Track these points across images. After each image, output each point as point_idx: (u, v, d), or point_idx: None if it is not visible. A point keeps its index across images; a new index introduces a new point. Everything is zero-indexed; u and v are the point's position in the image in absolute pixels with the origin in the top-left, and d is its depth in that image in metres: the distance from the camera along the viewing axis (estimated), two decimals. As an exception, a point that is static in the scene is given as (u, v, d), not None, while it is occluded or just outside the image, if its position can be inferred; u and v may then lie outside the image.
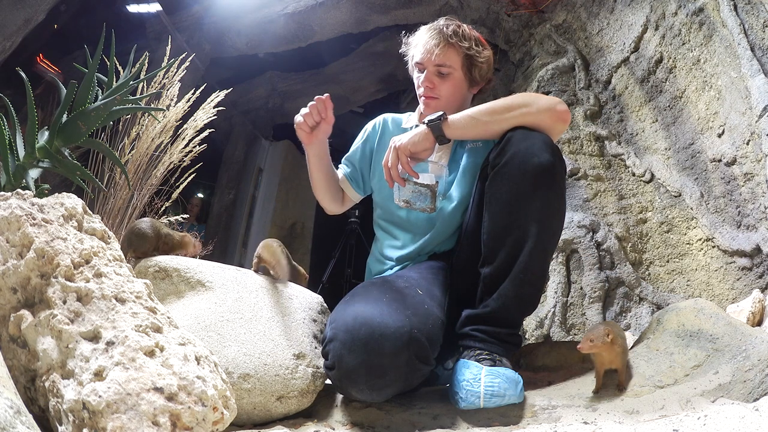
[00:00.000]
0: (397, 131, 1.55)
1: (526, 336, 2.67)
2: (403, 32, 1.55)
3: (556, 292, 2.63)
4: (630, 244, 2.61)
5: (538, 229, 1.13)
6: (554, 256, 2.63)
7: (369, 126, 1.64)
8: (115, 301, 0.75)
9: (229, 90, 2.44)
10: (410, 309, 1.05)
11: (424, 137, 1.27)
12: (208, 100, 2.29)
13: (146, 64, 1.88)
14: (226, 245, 5.40)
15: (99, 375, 0.65)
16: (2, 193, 0.83)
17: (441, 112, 1.28)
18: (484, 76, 1.50)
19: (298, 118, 1.41)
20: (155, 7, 4.37)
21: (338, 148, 1.59)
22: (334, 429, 1.03)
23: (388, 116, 1.63)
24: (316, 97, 1.39)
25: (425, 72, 1.44)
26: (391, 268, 1.46)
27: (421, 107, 1.49)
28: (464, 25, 1.47)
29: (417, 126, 1.48)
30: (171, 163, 2.17)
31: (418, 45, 1.45)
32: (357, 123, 1.69)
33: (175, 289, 1.18)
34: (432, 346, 1.03)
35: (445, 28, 1.42)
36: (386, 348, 0.96)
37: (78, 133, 1.45)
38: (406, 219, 1.46)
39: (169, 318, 0.80)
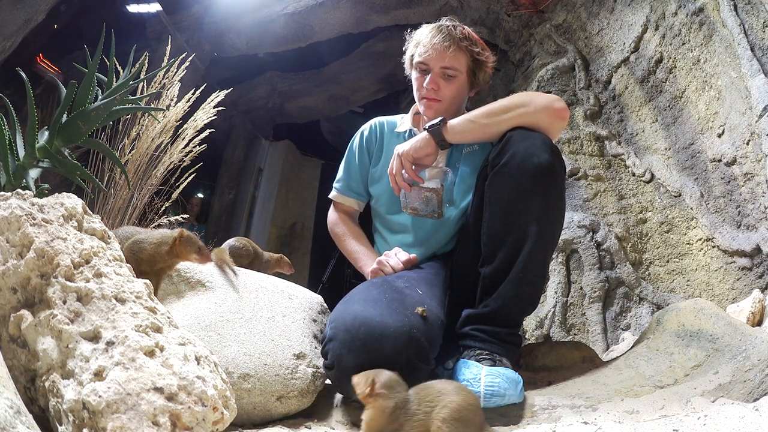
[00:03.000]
0: (392, 135, 1.53)
1: (526, 336, 2.67)
2: (408, 30, 1.50)
3: (556, 292, 2.63)
4: (630, 244, 2.61)
5: (537, 229, 1.13)
6: (554, 256, 2.63)
7: (365, 129, 1.58)
8: (115, 301, 0.75)
9: (229, 90, 2.44)
10: (410, 309, 1.05)
11: (426, 143, 1.30)
12: (208, 100, 2.29)
13: (146, 64, 1.88)
14: (226, 245, 5.40)
15: (99, 375, 0.65)
16: (2, 193, 0.83)
17: (441, 118, 1.30)
18: (487, 80, 1.48)
19: (383, 268, 1.33)
20: (155, 7, 4.37)
21: (338, 149, 1.59)
22: (334, 429, 1.03)
23: (382, 119, 1.59)
24: (404, 259, 1.31)
25: (430, 73, 1.40)
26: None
27: (420, 108, 1.46)
28: (464, 26, 1.45)
29: (412, 129, 1.48)
30: (171, 163, 2.17)
31: (422, 44, 1.40)
32: (357, 123, 1.65)
33: (175, 289, 1.18)
34: (431, 345, 1.03)
35: (453, 30, 1.38)
36: (386, 347, 0.96)
37: (78, 133, 1.45)
38: (408, 226, 1.45)
39: (169, 318, 0.80)
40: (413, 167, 1.29)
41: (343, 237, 1.54)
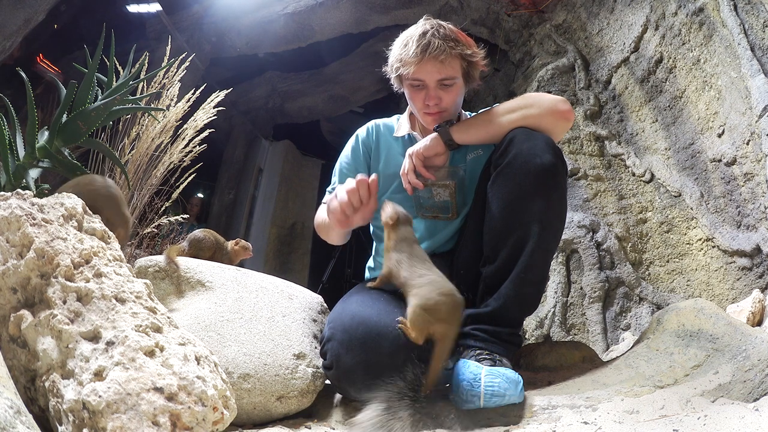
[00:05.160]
0: (390, 139, 1.51)
1: (526, 336, 2.67)
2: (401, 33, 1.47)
3: (556, 292, 2.63)
4: (630, 244, 2.61)
5: (539, 229, 1.13)
6: (554, 256, 2.63)
7: (361, 132, 1.54)
8: (115, 301, 0.75)
9: (229, 90, 2.44)
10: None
11: (436, 142, 1.31)
12: (208, 100, 2.29)
13: (146, 64, 1.88)
14: (226, 245, 5.39)
15: (99, 375, 0.65)
16: (2, 193, 0.83)
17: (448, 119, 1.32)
18: (480, 75, 1.46)
19: (341, 197, 1.17)
20: (155, 7, 4.37)
21: (338, 149, 1.58)
22: (334, 429, 1.03)
23: (378, 122, 1.56)
24: (359, 178, 1.17)
25: (428, 88, 1.33)
26: None
27: (423, 122, 1.41)
28: (446, 25, 1.36)
29: (411, 133, 1.48)
30: (171, 163, 2.17)
31: (410, 61, 1.30)
32: (357, 123, 1.63)
33: (175, 289, 1.18)
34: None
35: (437, 35, 1.29)
36: (384, 347, 0.96)
37: (78, 132, 1.45)
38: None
39: (169, 318, 0.80)
40: (425, 168, 1.30)
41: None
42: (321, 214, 1.43)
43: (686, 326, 1.19)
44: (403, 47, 1.33)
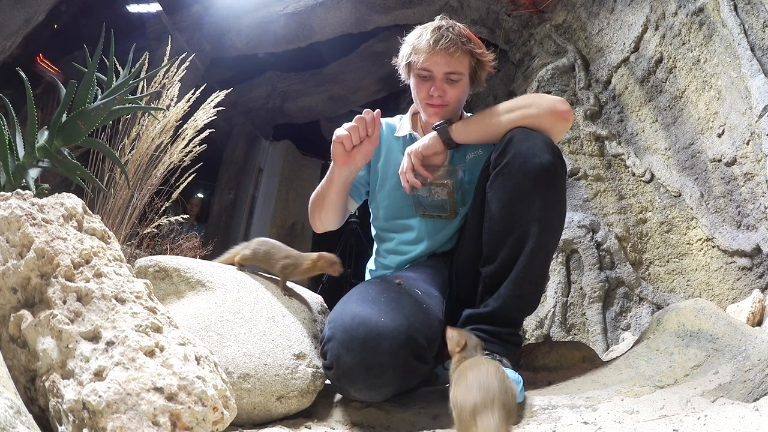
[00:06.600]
0: (392, 139, 1.52)
1: (526, 336, 2.67)
2: (405, 32, 1.49)
3: (556, 292, 2.63)
4: (630, 244, 2.61)
5: (539, 229, 1.13)
6: (554, 256, 2.63)
7: None
8: (115, 301, 0.75)
9: (229, 90, 2.44)
10: (408, 308, 1.05)
11: (434, 141, 1.31)
12: (208, 100, 2.29)
13: (146, 64, 1.88)
14: (226, 245, 5.39)
15: (99, 375, 0.65)
16: (2, 193, 0.83)
17: (447, 118, 1.33)
18: (486, 78, 1.47)
19: (341, 131, 1.27)
20: (155, 7, 4.37)
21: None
22: (334, 429, 1.03)
23: (381, 120, 1.55)
24: (365, 110, 1.28)
25: (433, 80, 1.35)
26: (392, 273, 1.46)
27: (424, 114, 1.42)
28: (461, 25, 1.39)
29: (412, 133, 1.48)
30: (171, 163, 2.17)
31: (422, 50, 1.32)
32: None
33: (175, 289, 1.18)
34: (430, 345, 1.03)
35: (451, 31, 1.32)
36: (384, 347, 0.96)
37: (78, 132, 1.45)
38: (412, 225, 1.45)
39: (169, 318, 0.80)
40: (423, 167, 1.31)
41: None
42: (317, 189, 1.44)
43: (686, 326, 1.19)
44: (417, 37, 1.37)
